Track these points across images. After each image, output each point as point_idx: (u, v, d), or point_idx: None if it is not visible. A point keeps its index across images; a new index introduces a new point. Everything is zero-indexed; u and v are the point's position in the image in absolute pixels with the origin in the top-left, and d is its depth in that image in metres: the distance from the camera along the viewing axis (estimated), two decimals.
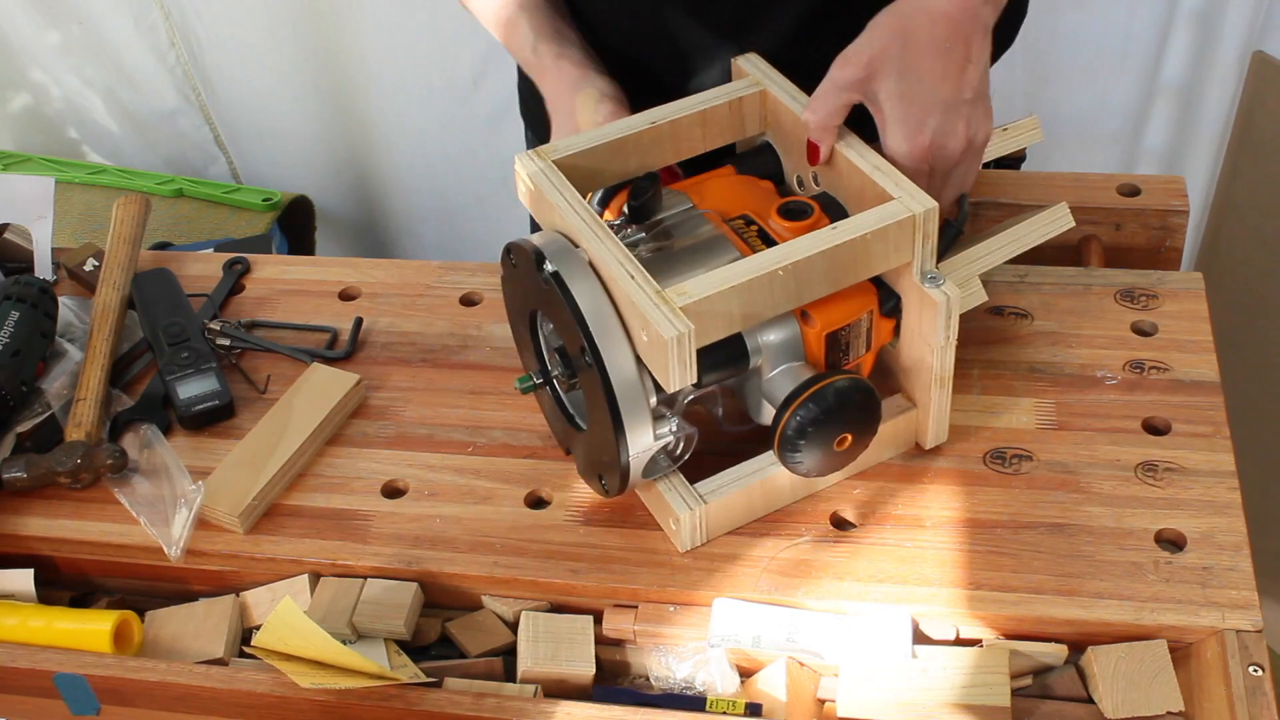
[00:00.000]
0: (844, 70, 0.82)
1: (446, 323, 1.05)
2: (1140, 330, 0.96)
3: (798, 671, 0.79)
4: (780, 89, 0.88)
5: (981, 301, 0.91)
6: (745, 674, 0.81)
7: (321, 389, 0.98)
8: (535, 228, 0.95)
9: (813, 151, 0.85)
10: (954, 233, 0.90)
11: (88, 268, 1.13)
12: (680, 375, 0.73)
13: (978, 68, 0.82)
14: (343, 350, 1.03)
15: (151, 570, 0.91)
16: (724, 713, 0.78)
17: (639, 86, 0.99)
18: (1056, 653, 0.79)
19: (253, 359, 1.04)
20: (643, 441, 0.79)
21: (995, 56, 0.90)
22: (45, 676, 0.83)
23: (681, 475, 0.84)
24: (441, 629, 0.86)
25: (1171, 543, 0.82)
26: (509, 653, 0.84)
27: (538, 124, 1.24)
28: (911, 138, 0.81)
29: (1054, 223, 0.92)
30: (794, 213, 0.83)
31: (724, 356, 0.80)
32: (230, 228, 1.80)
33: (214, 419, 0.99)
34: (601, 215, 0.83)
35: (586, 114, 0.95)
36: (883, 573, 0.82)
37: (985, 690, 0.76)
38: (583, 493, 0.89)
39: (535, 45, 1.03)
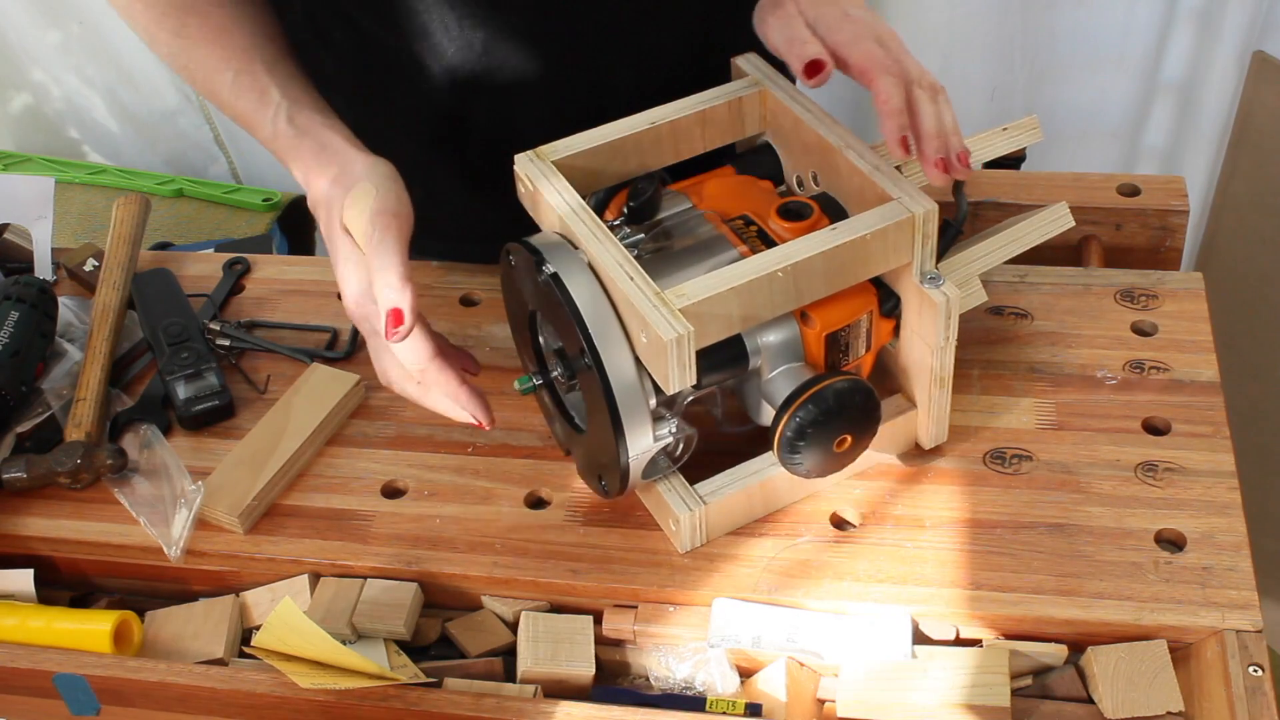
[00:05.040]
0: (769, 14, 0.83)
1: (446, 323, 1.05)
2: (1140, 330, 0.96)
3: (798, 672, 0.79)
4: (780, 89, 0.88)
5: (981, 301, 0.91)
6: (745, 674, 0.81)
7: (321, 389, 0.98)
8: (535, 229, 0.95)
9: (814, 67, 0.80)
10: (954, 233, 0.90)
11: (88, 268, 1.13)
12: (680, 377, 0.73)
13: None
14: (342, 350, 1.03)
15: (151, 570, 0.91)
16: (724, 713, 0.78)
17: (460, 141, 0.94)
18: (1056, 653, 0.79)
19: (253, 359, 1.04)
20: (642, 443, 0.79)
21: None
22: (45, 677, 0.83)
23: (681, 476, 0.84)
24: (441, 629, 0.86)
25: (1171, 543, 0.82)
26: (509, 653, 0.84)
27: None
28: (844, 22, 0.81)
29: (1054, 222, 0.92)
30: (794, 213, 0.83)
31: (723, 358, 0.80)
32: (230, 228, 1.80)
33: (214, 419, 0.99)
34: (601, 216, 0.83)
35: (358, 220, 0.79)
36: (883, 573, 0.82)
37: (985, 690, 0.76)
38: (582, 493, 0.89)
39: (291, 113, 0.85)
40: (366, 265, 0.79)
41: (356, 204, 0.79)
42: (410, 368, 0.80)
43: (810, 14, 0.82)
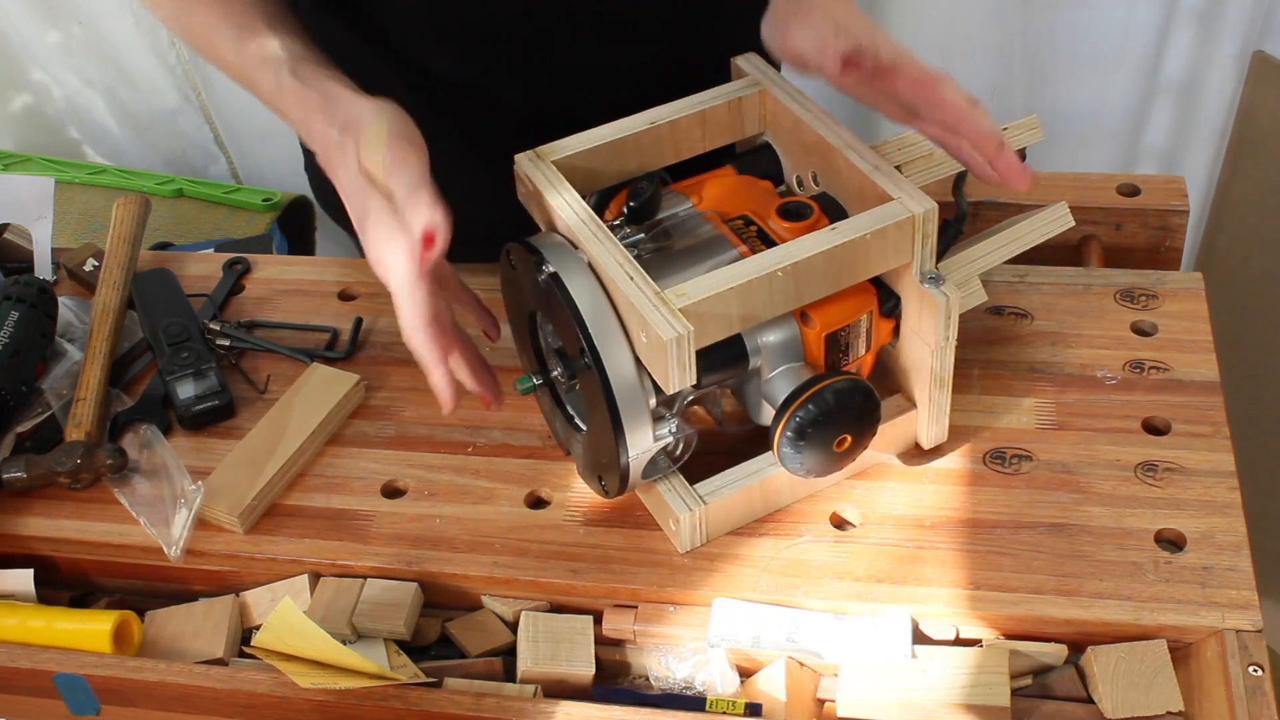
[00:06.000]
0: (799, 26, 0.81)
1: None
2: (1140, 330, 0.96)
3: (797, 671, 0.79)
4: (780, 89, 0.88)
5: (981, 301, 0.91)
6: (745, 674, 0.81)
7: (321, 389, 0.98)
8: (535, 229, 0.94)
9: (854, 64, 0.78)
10: (954, 233, 0.90)
11: (88, 268, 1.13)
12: (680, 377, 0.73)
13: None
14: (343, 350, 1.03)
15: (151, 570, 0.91)
16: (724, 713, 0.78)
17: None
18: (1056, 653, 0.79)
19: (253, 359, 1.04)
20: (642, 443, 0.79)
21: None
22: (45, 676, 0.83)
23: (681, 476, 0.84)
24: (441, 629, 0.86)
25: (1171, 543, 0.82)
26: (509, 653, 0.84)
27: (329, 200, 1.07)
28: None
29: (1054, 222, 0.92)
30: (794, 213, 0.83)
31: (723, 357, 0.80)
32: (230, 228, 1.80)
33: (214, 419, 0.99)
34: (601, 216, 0.83)
35: (375, 156, 0.77)
36: (882, 573, 0.82)
37: (985, 690, 0.76)
38: (582, 493, 0.89)
39: (294, 67, 0.83)
40: (390, 206, 0.75)
41: (371, 143, 0.77)
42: (404, 328, 0.77)
43: (854, 30, 0.79)
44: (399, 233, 0.75)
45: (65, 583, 0.94)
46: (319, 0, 0.94)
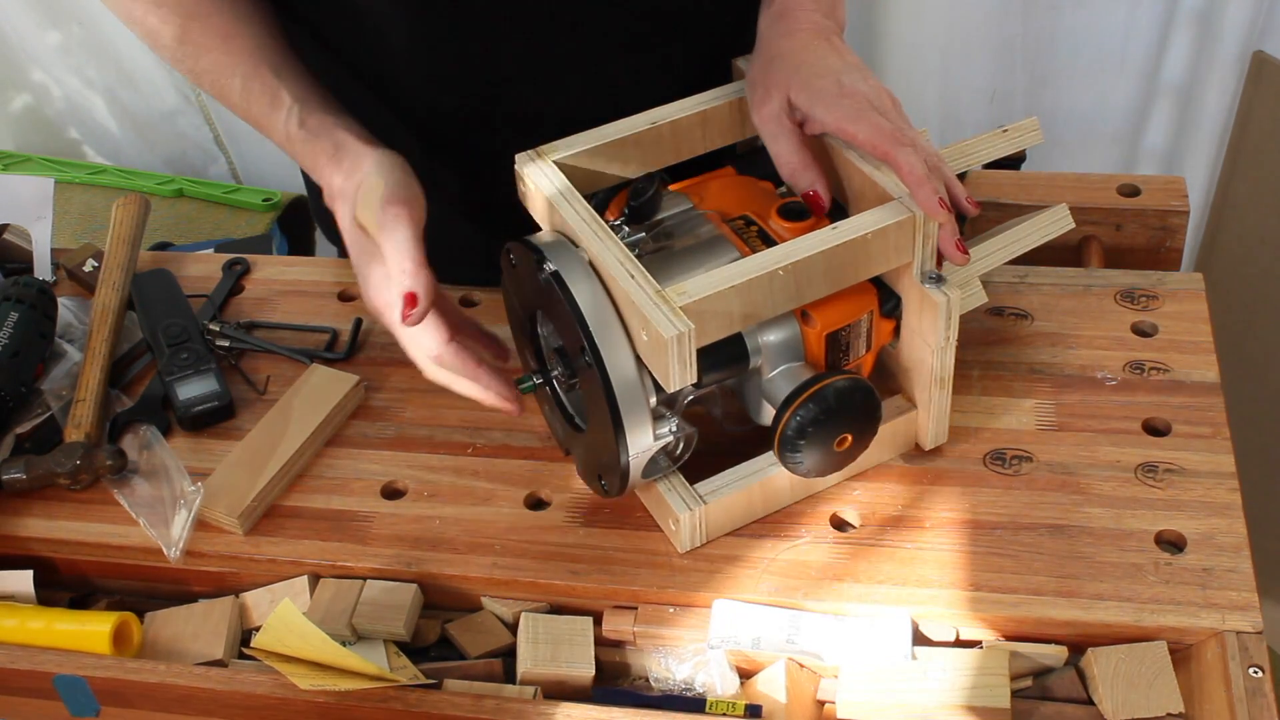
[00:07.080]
0: (758, 110, 0.83)
1: None
2: (1140, 331, 0.96)
3: (797, 673, 0.79)
4: None
5: (982, 302, 0.91)
6: (745, 675, 0.81)
7: (321, 390, 0.97)
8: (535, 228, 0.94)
9: (815, 202, 0.82)
10: None
11: (87, 268, 1.13)
12: (680, 375, 0.73)
13: (849, 50, 0.84)
14: (342, 351, 1.03)
15: (151, 571, 0.91)
16: (724, 714, 0.78)
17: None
18: (1056, 654, 0.79)
19: (252, 360, 1.04)
20: (643, 442, 0.79)
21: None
22: (45, 678, 0.83)
23: (681, 475, 0.84)
24: (441, 630, 0.86)
25: (1171, 544, 0.82)
26: (509, 654, 0.84)
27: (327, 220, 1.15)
28: (841, 98, 0.80)
29: (1054, 224, 0.93)
30: (794, 213, 0.83)
31: (724, 356, 0.80)
32: (230, 228, 1.80)
33: (213, 420, 0.98)
34: (601, 216, 0.83)
35: (369, 213, 0.80)
36: (882, 574, 0.82)
37: (985, 692, 0.76)
38: (582, 493, 0.89)
39: (302, 115, 0.87)
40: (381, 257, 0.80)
41: (367, 197, 0.81)
42: (428, 353, 0.82)
43: (804, 98, 0.81)
44: (388, 285, 0.80)
45: (65, 584, 0.94)
46: (318, 44, 0.94)
